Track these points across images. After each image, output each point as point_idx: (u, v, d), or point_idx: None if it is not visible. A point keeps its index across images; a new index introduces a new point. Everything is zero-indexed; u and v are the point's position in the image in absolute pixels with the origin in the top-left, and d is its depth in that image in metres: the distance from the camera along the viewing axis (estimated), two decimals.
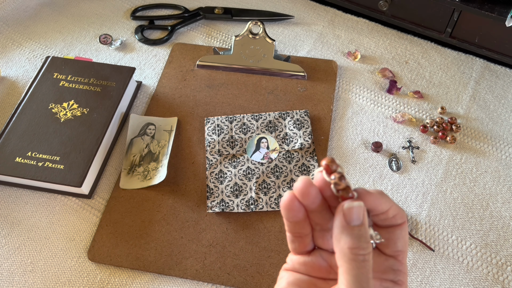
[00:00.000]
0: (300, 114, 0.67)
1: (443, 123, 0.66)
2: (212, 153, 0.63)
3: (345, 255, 0.27)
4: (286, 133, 0.65)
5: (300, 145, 0.64)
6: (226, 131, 0.65)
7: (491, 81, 0.72)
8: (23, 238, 0.58)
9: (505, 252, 0.56)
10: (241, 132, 0.65)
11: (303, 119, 0.66)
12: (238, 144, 0.64)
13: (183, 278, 0.54)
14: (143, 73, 0.74)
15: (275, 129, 0.66)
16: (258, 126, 0.66)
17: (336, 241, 0.28)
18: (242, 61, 0.73)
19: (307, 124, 0.65)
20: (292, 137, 0.65)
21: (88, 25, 0.81)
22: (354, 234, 0.27)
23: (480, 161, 0.64)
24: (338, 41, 0.78)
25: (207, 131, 0.66)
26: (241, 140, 0.65)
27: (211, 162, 0.63)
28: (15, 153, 0.60)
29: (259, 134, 0.65)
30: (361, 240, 0.27)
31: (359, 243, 0.27)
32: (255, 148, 0.64)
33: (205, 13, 0.81)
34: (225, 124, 0.66)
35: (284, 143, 0.64)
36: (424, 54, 0.76)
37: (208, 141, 0.65)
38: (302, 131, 0.65)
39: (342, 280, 0.27)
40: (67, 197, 0.61)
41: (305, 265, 0.32)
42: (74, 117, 0.64)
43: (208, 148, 0.64)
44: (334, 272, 0.32)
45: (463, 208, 0.60)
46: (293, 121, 0.66)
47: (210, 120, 0.67)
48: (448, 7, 0.70)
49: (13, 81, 0.73)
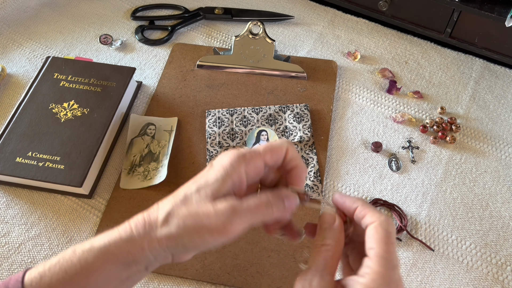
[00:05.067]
0: (300, 107, 0.67)
1: (442, 123, 0.67)
2: (213, 145, 0.64)
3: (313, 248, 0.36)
4: (286, 126, 0.66)
5: (300, 138, 0.64)
6: (227, 124, 0.66)
7: (491, 81, 0.72)
8: (23, 238, 0.58)
9: (505, 252, 0.56)
10: (241, 125, 0.66)
11: (303, 113, 0.66)
12: (238, 136, 0.65)
13: (183, 278, 0.55)
14: (143, 73, 0.74)
15: (275, 122, 0.66)
16: (259, 119, 0.67)
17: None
18: (242, 61, 0.73)
19: (306, 118, 0.66)
20: (292, 130, 0.65)
21: (89, 25, 0.81)
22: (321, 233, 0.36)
23: (480, 161, 0.64)
24: (338, 41, 0.78)
25: (208, 123, 0.66)
26: (241, 132, 0.65)
27: (211, 153, 0.63)
28: (16, 153, 0.60)
29: (259, 127, 0.66)
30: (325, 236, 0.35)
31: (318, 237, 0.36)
32: (255, 140, 0.65)
33: (205, 13, 0.81)
34: (226, 116, 0.67)
35: (283, 136, 0.65)
36: (424, 54, 0.76)
37: (209, 133, 0.65)
38: (301, 124, 0.65)
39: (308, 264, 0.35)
40: (67, 197, 0.61)
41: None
42: (75, 117, 0.64)
43: (209, 140, 0.64)
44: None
45: (462, 208, 0.60)
46: (293, 115, 0.66)
47: (211, 113, 0.67)
48: (448, 7, 0.70)
49: (13, 81, 0.73)
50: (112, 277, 0.35)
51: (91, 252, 0.35)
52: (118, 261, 0.35)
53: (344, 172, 0.63)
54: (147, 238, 0.35)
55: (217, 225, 0.33)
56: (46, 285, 0.34)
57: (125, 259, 0.35)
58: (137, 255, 0.35)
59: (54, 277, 0.34)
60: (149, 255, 0.35)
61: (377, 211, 0.34)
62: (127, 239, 0.35)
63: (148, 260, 0.35)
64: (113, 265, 0.35)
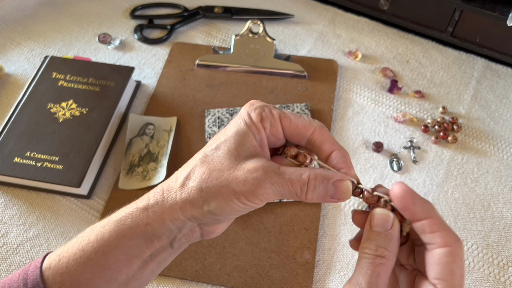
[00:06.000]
0: (301, 107, 0.67)
1: (444, 123, 0.66)
2: None
3: (361, 256, 0.29)
4: None
5: None
6: (227, 123, 0.65)
7: (493, 80, 0.72)
8: (21, 238, 0.57)
9: (507, 252, 0.56)
10: None
11: (304, 113, 0.66)
12: None
13: (182, 279, 0.54)
14: (142, 73, 0.74)
15: None
16: None
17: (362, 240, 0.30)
18: (242, 60, 0.72)
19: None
20: None
21: (87, 25, 0.81)
22: (371, 237, 0.29)
23: (482, 161, 0.63)
24: (339, 41, 0.78)
25: (207, 123, 0.66)
26: None
27: None
28: (14, 153, 0.60)
29: None
30: (380, 245, 0.28)
31: (370, 245, 0.28)
32: None
33: (205, 12, 0.81)
34: (226, 116, 0.66)
35: None
36: (425, 54, 0.76)
37: (208, 133, 0.65)
38: None
39: (355, 277, 0.28)
40: (65, 197, 0.61)
41: None
42: (73, 117, 0.64)
43: (208, 140, 0.64)
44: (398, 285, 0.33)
45: (464, 209, 0.59)
46: None
47: (211, 112, 0.67)
48: (449, 6, 0.70)
49: (11, 80, 0.73)
50: (132, 254, 0.31)
51: (107, 227, 0.32)
52: (136, 235, 0.31)
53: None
54: (166, 206, 0.31)
55: (245, 189, 0.29)
56: (64, 266, 0.31)
57: (143, 233, 0.31)
58: (156, 227, 0.31)
59: (71, 257, 0.31)
60: (171, 226, 0.31)
61: (452, 230, 0.29)
62: (144, 209, 0.31)
63: (171, 232, 0.31)
64: (132, 241, 0.31)
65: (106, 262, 0.31)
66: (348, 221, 0.58)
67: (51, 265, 0.32)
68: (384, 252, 0.28)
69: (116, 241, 0.31)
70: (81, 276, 0.31)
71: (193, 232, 0.32)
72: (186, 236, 0.32)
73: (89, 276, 0.31)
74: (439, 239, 0.28)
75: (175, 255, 0.34)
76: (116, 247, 0.31)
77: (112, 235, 0.31)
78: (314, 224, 0.57)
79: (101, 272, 0.31)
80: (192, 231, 0.32)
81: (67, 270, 0.31)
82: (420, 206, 0.29)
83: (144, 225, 0.31)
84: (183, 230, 0.31)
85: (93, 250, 0.31)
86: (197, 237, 0.33)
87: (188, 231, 0.32)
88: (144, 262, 0.32)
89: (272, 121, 0.32)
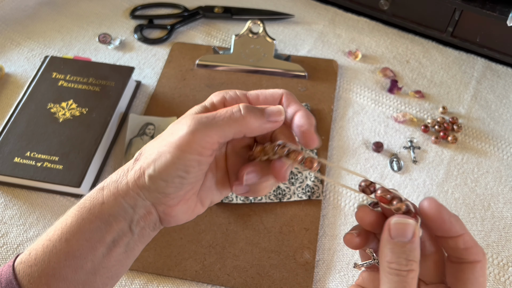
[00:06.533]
0: None
1: (444, 123, 0.66)
2: None
3: (384, 268, 0.27)
4: None
5: None
6: None
7: (493, 80, 0.72)
8: (21, 238, 0.57)
9: (507, 252, 0.56)
10: None
11: None
12: None
13: (182, 279, 0.54)
14: (142, 73, 0.74)
15: None
16: None
17: (380, 253, 0.28)
18: (242, 60, 0.72)
19: None
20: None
21: (87, 24, 0.81)
22: (395, 250, 0.27)
23: (482, 161, 0.63)
24: (339, 41, 0.78)
25: None
26: None
27: None
28: (14, 153, 0.60)
29: None
30: (401, 257, 0.27)
31: (398, 259, 0.27)
32: None
33: (205, 12, 0.80)
34: None
35: None
36: (425, 54, 0.75)
37: None
38: None
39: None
40: (65, 197, 0.61)
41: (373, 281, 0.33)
42: (73, 117, 0.64)
43: None
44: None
45: (464, 209, 0.59)
46: None
47: None
48: (449, 6, 0.70)
49: (12, 80, 0.73)
50: (94, 240, 0.31)
51: (70, 212, 0.32)
52: (95, 217, 0.31)
53: (345, 172, 0.62)
54: (119, 183, 0.31)
55: (181, 138, 0.30)
56: (33, 258, 0.31)
57: (100, 213, 0.31)
58: (111, 205, 0.31)
59: (39, 249, 0.31)
60: (124, 204, 0.31)
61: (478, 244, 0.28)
62: (100, 188, 0.32)
63: (126, 212, 0.31)
64: (91, 224, 0.31)
65: (70, 249, 0.31)
66: (348, 221, 0.58)
67: (22, 260, 0.32)
68: (413, 265, 0.27)
69: (77, 225, 0.31)
70: (48, 266, 0.31)
71: (150, 213, 0.32)
72: (143, 218, 0.32)
73: (55, 265, 0.31)
74: (472, 256, 0.28)
75: (141, 245, 0.33)
76: (78, 232, 0.31)
77: (74, 220, 0.31)
78: (314, 224, 0.57)
79: (66, 260, 0.31)
80: (148, 212, 0.32)
81: (36, 262, 0.31)
82: (455, 224, 0.28)
83: (100, 204, 0.31)
84: (138, 210, 0.31)
85: (58, 238, 0.31)
86: (156, 220, 0.32)
87: (144, 213, 0.32)
88: (108, 248, 0.31)
89: (238, 101, 0.33)
